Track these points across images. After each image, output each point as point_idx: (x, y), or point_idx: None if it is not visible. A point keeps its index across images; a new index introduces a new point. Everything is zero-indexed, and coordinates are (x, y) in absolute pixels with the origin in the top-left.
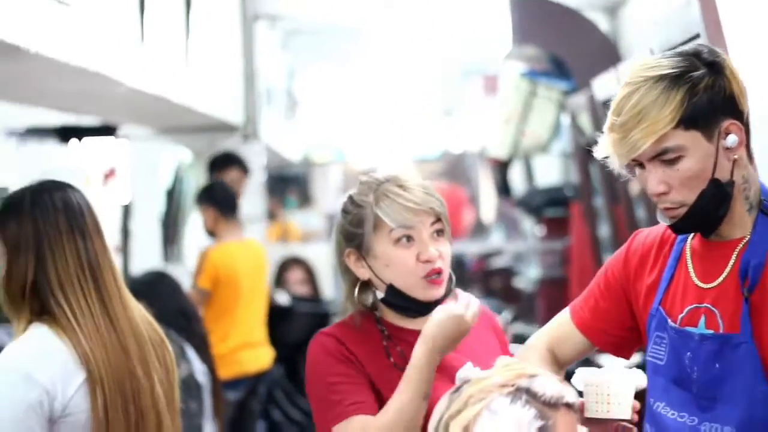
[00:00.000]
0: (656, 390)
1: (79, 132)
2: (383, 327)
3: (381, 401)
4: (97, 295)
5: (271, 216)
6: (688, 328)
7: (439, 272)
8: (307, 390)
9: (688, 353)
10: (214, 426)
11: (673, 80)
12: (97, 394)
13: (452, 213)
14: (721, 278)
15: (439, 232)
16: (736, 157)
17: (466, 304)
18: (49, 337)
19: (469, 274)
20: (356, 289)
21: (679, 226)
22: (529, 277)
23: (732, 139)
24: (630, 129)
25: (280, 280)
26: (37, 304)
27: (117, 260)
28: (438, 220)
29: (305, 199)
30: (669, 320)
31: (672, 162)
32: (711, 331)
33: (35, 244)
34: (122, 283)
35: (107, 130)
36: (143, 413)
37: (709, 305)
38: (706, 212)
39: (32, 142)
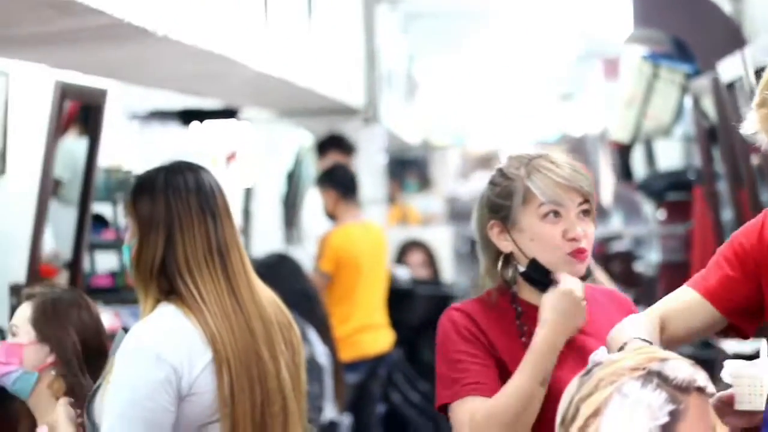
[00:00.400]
0: None
1: (201, 115)
2: (518, 305)
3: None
4: (224, 277)
5: (391, 199)
6: None
7: (582, 252)
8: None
9: None
10: (334, 408)
11: None
12: (223, 374)
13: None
14: None
15: (586, 212)
16: None
17: (572, 280)
18: (177, 317)
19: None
20: (500, 263)
21: None
22: (649, 261)
23: None
24: None
25: (400, 263)
26: (166, 283)
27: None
28: (586, 200)
29: (425, 183)
30: None
31: None
32: None
33: (166, 223)
34: (249, 266)
35: (229, 113)
36: (269, 395)
37: None
38: None
39: (155, 125)
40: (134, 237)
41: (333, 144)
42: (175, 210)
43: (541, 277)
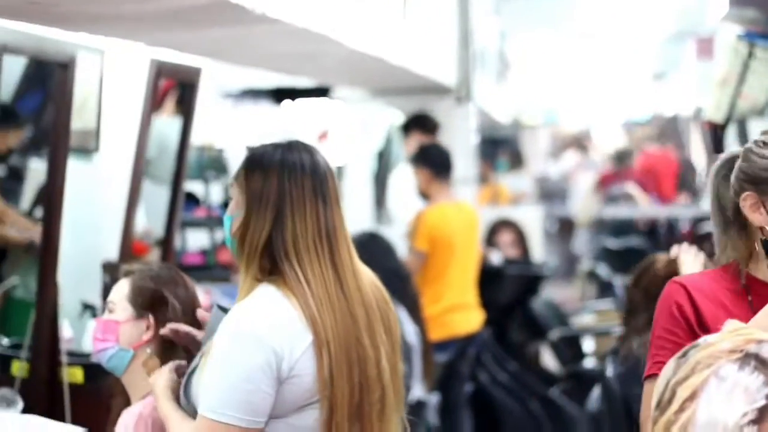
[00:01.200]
0: None
1: (294, 93)
2: (745, 281)
3: None
4: (330, 262)
5: (482, 179)
6: None
7: None
8: None
9: None
10: (422, 387)
11: None
12: (323, 356)
13: (664, 176)
14: None
15: None
16: None
17: None
18: (278, 298)
19: (680, 238)
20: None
21: None
22: None
23: None
24: None
25: (490, 243)
26: (268, 262)
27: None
28: None
29: (516, 162)
30: None
31: None
32: None
33: (277, 201)
34: (354, 252)
35: (321, 92)
36: (368, 382)
37: None
38: None
39: (247, 104)
40: (240, 210)
41: (416, 124)
42: (288, 189)
43: None
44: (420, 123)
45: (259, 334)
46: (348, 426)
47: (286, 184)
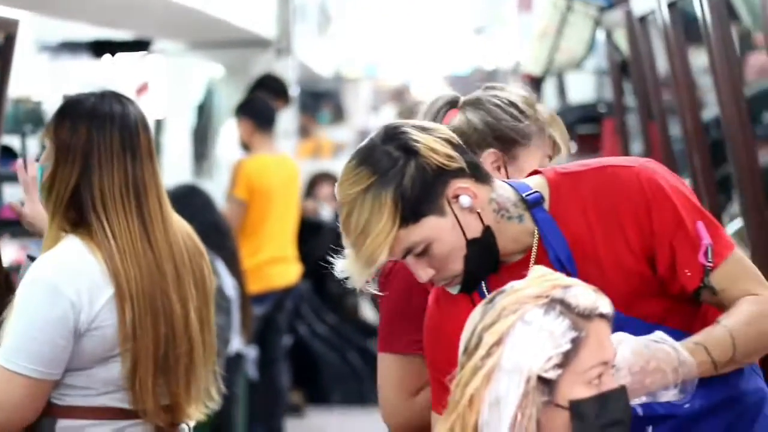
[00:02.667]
0: None
1: (113, 46)
2: None
3: None
4: (138, 217)
5: (304, 132)
6: None
7: None
8: None
9: None
10: (240, 339)
11: (378, 185)
12: (125, 310)
13: None
14: None
15: None
16: (479, 210)
17: None
18: (81, 250)
19: None
20: None
21: (469, 288)
22: None
23: (465, 200)
24: (360, 246)
25: (310, 196)
26: (75, 214)
27: None
28: None
29: (337, 115)
30: None
31: (424, 252)
32: None
33: (85, 152)
34: (168, 207)
35: (141, 45)
36: (174, 336)
37: None
38: (482, 265)
39: (65, 57)
40: (48, 161)
41: (261, 86)
42: (96, 142)
43: None
44: (268, 84)
45: (57, 285)
46: (152, 380)
47: (94, 135)
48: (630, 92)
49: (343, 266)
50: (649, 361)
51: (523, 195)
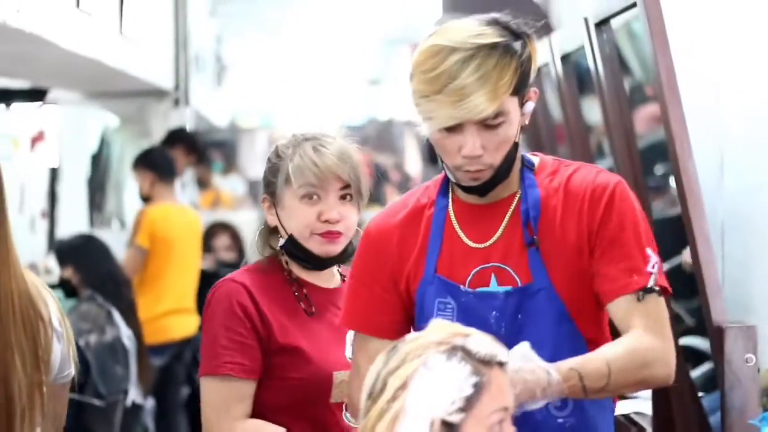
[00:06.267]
0: None
1: (9, 95)
2: (289, 270)
3: (292, 348)
4: None
5: (202, 183)
6: (487, 289)
7: (333, 234)
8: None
9: (494, 312)
10: (138, 390)
11: (505, 49)
12: None
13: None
14: (497, 235)
15: (346, 197)
16: (527, 122)
17: None
18: None
19: None
20: (263, 234)
21: (481, 188)
22: None
23: (529, 106)
24: (471, 93)
25: (207, 246)
26: None
27: (43, 224)
28: (347, 185)
29: (230, 165)
30: (461, 286)
31: (495, 127)
32: (510, 287)
33: None
34: (14, 259)
35: (37, 94)
36: None
37: (497, 263)
38: (504, 173)
39: None
40: None
41: (176, 139)
42: None
43: (297, 252)
44: (183, 138)
45: None
46: None
47: None
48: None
49: (425, 110)
50: (516, 385)
51: (523, 154)
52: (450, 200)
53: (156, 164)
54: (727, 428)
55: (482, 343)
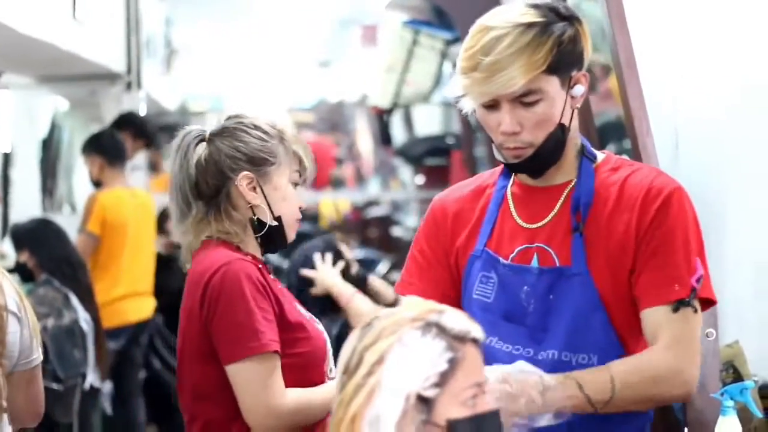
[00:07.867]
0: (485, 327)
1: None
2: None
3: (297, 324)
4: None
5: (154, 167)
6: (525, 265)
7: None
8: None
9: (525, 287)
10: (96, 374)
11: (543, 27)
12: None
13: (318, 163)
14: (548, 218)
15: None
16: (578, 106)
17: None
18: None
19: (347, 224)
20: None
21: (522, 166)
22: (407, 226)
23: (579, 89)
24: (503, 68)
25: (161, 230)
26: None
27: None
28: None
29: None
30: (501, 259)
31: (531, 104)
32: (547, 267)
33: None
34: None
35: None
36: None
37: (541, 244)
38: (549, 154)
39: None
40: None
41: (126, 123)
42: None
43: (277, 236)
44: (132, 122)
45: None
46: None
47: None
48: (477, 124)
49: (461, 86)
50: (513, 387)
51: (583, 144)
52: (511, 182)
53: (105, 148)
54: (688, 402)
55: (456, 319)
